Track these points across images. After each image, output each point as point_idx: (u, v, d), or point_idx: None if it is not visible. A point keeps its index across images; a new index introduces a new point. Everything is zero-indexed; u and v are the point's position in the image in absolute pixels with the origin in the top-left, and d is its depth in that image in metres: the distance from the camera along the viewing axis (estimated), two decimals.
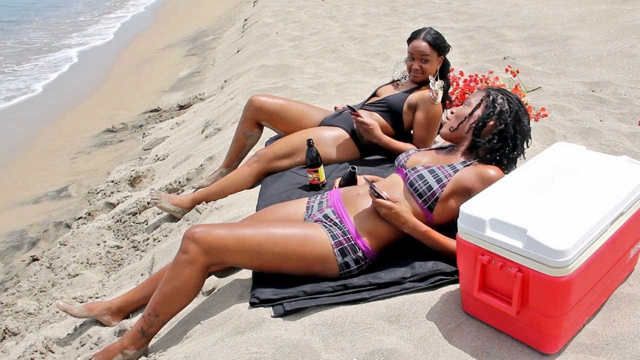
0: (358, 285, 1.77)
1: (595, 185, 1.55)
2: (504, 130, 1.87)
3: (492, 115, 1.89)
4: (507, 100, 1.91)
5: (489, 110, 1.90)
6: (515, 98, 1.93)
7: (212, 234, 1.72)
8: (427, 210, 1.86)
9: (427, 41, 2.66)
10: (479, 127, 1.90)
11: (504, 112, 1.88)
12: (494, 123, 1.89)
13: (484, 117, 1.90)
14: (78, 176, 4.89)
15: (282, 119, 2.87)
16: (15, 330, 2.60)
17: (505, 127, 1.87)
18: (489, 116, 1.89)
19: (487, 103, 1.92)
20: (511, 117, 1.87)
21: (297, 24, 7.18)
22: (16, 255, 3.72)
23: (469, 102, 1.97)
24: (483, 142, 1.89)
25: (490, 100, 1.91)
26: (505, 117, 1.87)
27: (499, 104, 1.90)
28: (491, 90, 1.96)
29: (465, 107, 1.97)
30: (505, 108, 1.89)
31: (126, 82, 8.04)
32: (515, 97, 1.94)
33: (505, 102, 1.90)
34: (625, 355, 1.40)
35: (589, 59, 4.14)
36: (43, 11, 16.36)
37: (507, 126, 1.87)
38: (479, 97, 1.95)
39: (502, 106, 1.89)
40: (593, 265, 1.41)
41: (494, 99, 1.91)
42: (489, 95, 1.93)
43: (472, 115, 1.93)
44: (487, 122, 1.89)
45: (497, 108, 1.89)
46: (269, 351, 1.54)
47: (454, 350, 1.49)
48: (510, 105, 1.90)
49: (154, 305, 1.78)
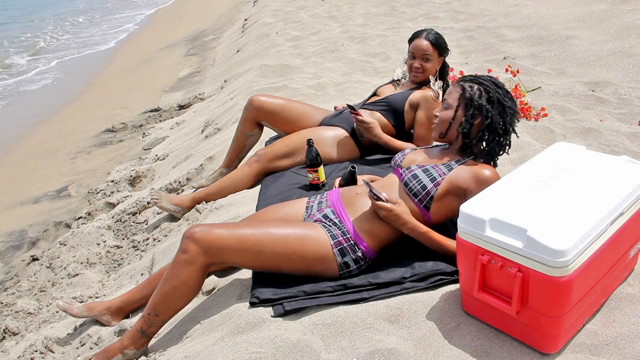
0: (358, 285, 1.77)
1: (595, 185, 1.55)
2: (492, 123, 1.83)
3: (475, 113, 1.85)
4: (484, 90, 1.85)
5: (469, 110, 1.85)
6: (491, 83, 1.86)
7: (211, 234, 1.72)
8: (423, 209, 1.86)
9: (429, 40, 2.68)
10: (466, 129, 1.86)
11: (484, 106, 1.83)
12: (479, 120, 1.85)
13: (467, 119, 1.85)
14: (78, 176, 4.89)
15: (282, 118, 2.87)
16: (15, 330, 2.60)
17: (491, 120, 1.83)
18: (473, 116, 1.85)
19: (465, 102, 1.87)
20: (494, 108, 1.83)
21: (297, 23, 7.18)
22: (16, 255, 3.72)
23: (448, 104, 1.92)
24: (475, 141, 1.87)
25: (468, 98, 1.86)
26: (489, 110, 1.82)
27: (477, 99, 1.84)
28: (465, 85, 1.89)
29: (446, 110, 1.93)
30: (484, 101, 1.83)
31: (126, 81, 8.04)
32: (489, 81, 1.87)
33: (483, 94, 1.84)
34: (625, 355, 1.40)
35: (589, 59, 4.14)
36: (38, 11, 16.31)
37: (493, 118, 1.83)
38: (455, 96, 1.90)
39: (481, 100, 1.84)
40: (593, 265, 1.41)
41: (471, 95, 1.85)
42: (464, 91, 1.88)
43: (455, 118, 1.89)
44: (472, 122, 1.85)
45: (476, 104, 1.84)
46: (269, 351, 1.54)
47: (453, 350, 1.49)
48: (489, 95, 1.84)
49: (154, 305, 1.78)
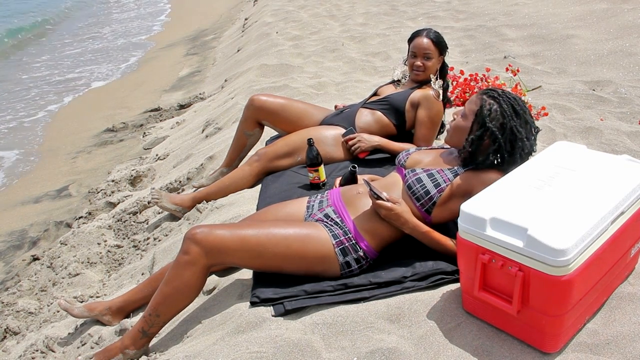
0: (358, 285, 1.77)
1: (595, 184, 1.55)
2: (498, 150, 1.79)
3: (485, 135, 1.80)
4: (500, 114, 1.78)
5: (480, 129, 1.81)
6: (510, 107, 1.79)
7: (213, 235, 1.72)
8: (425, 212, 1.86)
9: (430, 38, 2.69)
10: (474, 147, 1.82)
11: (494, 132, 1.77)
12: (487, 142, 1.81)
13: (475, 138, 1.81)
14: (78, 175, 4.89)
15: (282, 118, 2.86)
16: (16, 330, 2.60)
17: (498, 146, 1.78)
18: (482, 137, 1.80)
19: (478, 120, 1.81)
20: (505, 135, 1.77)
21: (297, 23, 7.18)
22: (17, 255, 3.72)
23: (464, 113, 1.88)
24: (482, 159, 1.82)
25: (481, 118, 1.80)
26: (497, 137, 1.77)
27: (489, 122, 1.78)
28: (485, 101, 1.82)
29: (462, 119, 1.88)
30: (495, 126, 1.78)
31: (126, 81, 8.04)
32: (510, 105, 1.79)
33: (498, 117, 1.78)
34: (626, 354, 1.40)
35: (590, 58, 4.14)
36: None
37: (500, 146, 1.78)
38: (473, 109, 1.84)
39: (492, 124, 1.78)
40: (594, 264, 1.41)
41: (485, 116, 1.79)
42: (482, 109, 1.81)
43: (469, 132, 1.84)
44: (481, 142, 1.81)
45: (487, 127, 1.78)
46: (270, 350, 1.54)
47: (454, 349, 1.49)
48: (504, 121, 1.78)
49: (155, 305, 1.78)
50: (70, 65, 9.57)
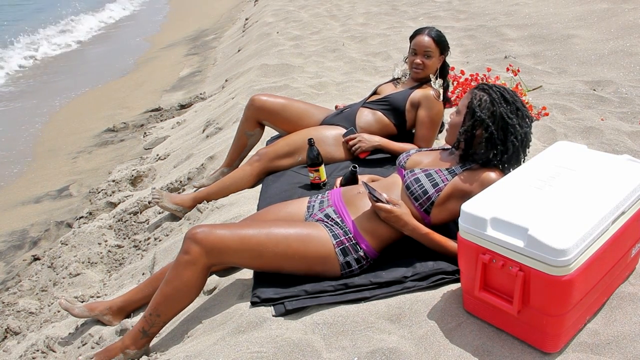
0: (359, 285, 1.77)
1: (596, 184, 1.55)
2: (490, 138, 1.79)
3: (475, 125, 1.82)
4: (490, 103, 1.80)
5: (471, 120, 1.83)
6: (500, 96, 1.81)
7: (213, 235, 1.72)
8: (423, 213, 1.86)
9: (431, 37, 2.68)
10: (468, 139, 1.84)
11: (485, 120, 1.79)
12: (480, 132, 1.82)
13: (467, 129, 1.83)
14: (79, 175, 4.90)
15: (283, 118, 2.86)
16: (17, 330, 2.60)
17: (490, 134, 1.79)
18: (474, 127, 1.82)
19: (469, 111, 1.84)
20: (496, 123, 1.78)
21: (297, 23, 7.18)
22: (17, 255, 3.73)
23: (458, 110, 1.91)
24: (477, 153, 1.83)
25: (472, 108, 1.83)
26: (489, 125, 1.78)
27: (478, 111, 1.80)
28: (475, 94, 1.85)
29: (456, 115, 1.91)
30: (486, 114, 1.79)
31: (127, 81, 8.04)
32: (499, 94, 1.81)
33: (487, 106, 1.80)
34: (627, 355, 1.40)
35: (590, 58, 4.14)
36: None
37: (492, 133, 1.78)
38: (465, 103, 1.87)
39: (483, 113, 1.80)
40: (594, 265, 1.41)
41: (475, 106, 1.82)
42: (472, 101, 1.84)
43: (462, 125, 1.86)
44: (473, 132, 1.83)
45: (477, 116, 1.80)
46: (270, 350, 1.54)
47: (455, 349, 1.49)
48: (494, 109, 1.79)
49: (155, 305, 1.78)
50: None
